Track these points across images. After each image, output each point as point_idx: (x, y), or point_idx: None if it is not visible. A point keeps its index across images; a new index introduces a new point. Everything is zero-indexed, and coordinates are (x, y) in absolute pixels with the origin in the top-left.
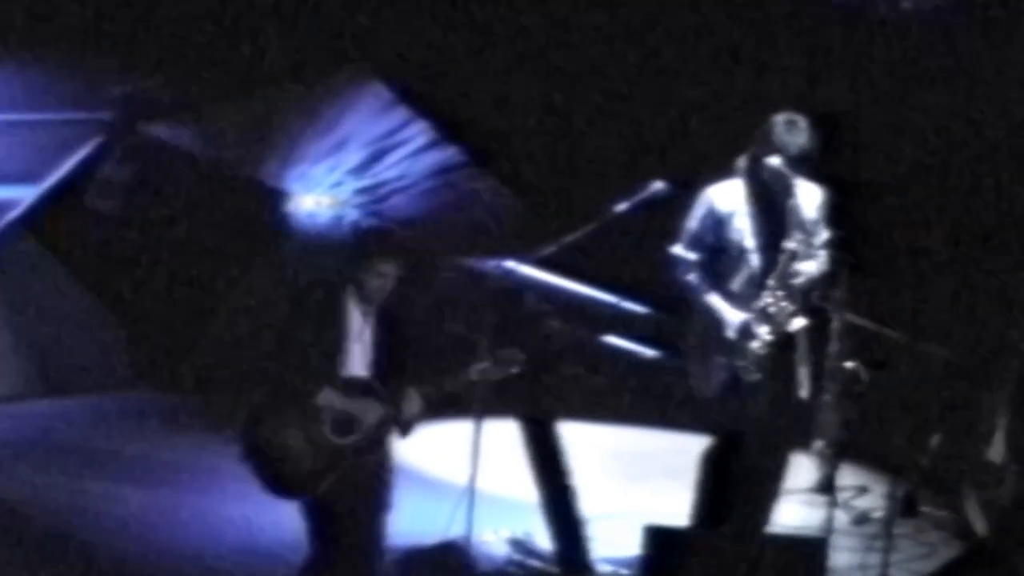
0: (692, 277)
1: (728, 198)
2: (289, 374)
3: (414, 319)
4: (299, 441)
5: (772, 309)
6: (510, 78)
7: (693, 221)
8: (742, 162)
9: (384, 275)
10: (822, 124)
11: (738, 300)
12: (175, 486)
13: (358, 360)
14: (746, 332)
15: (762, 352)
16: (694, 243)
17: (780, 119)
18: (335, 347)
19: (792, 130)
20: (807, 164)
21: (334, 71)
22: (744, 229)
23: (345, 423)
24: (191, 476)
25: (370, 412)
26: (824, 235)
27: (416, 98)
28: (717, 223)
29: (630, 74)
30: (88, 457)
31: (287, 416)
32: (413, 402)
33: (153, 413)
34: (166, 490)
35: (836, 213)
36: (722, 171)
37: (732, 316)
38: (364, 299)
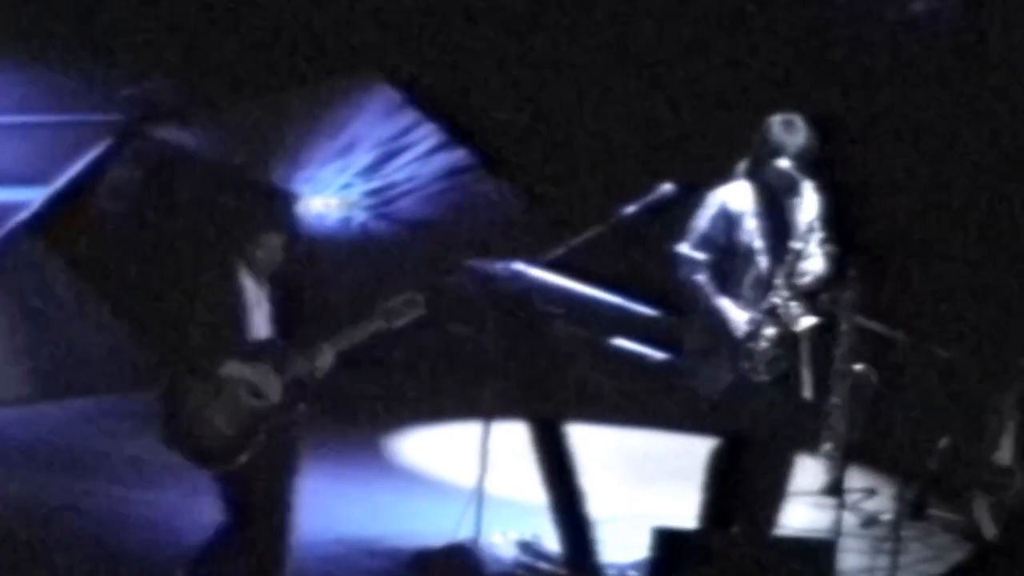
0: (700, 277)
1: (739, 199)
2: (193, 351)
3: (308, 281)
4: (217, 413)
5: (780, 310)
6: (518, 81)
7: (703, 221)
8: (743, 165)
9: (271, 247)
10: (830, 127)
11: (746, 301)
12: (180, 488)
13: (260, 329)
14: (753, 333)
15: (769, 353)
16: (703, 243)
17: (777, 120)
18: (234, 319)
19: (790, 129)
20: (809, 162)
21: (343, 73)
22: (753, 230)
23: (256, 389)
24: (197, 478)
25: (270, 376)
26: (827, 233)
27: (425, 100)
28: (728, 224)
29: (639, 77)
30: (94, 459)
31: (202, 392)
32: (325, 357)
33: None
34: (172, 492)
35: (842, 215)
36: (728, 174)
37: (739, 317)
38: (254, 270)
